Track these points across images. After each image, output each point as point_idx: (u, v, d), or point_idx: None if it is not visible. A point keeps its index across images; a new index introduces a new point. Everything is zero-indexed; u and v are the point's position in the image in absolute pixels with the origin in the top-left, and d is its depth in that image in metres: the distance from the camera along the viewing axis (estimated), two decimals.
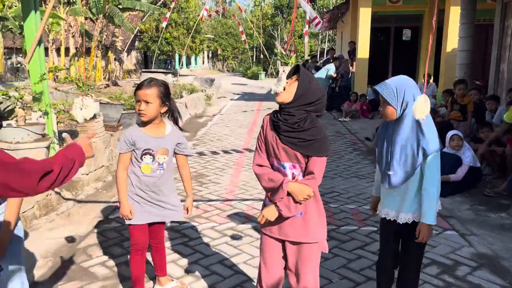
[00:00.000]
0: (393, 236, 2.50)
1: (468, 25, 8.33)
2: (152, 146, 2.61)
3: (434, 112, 7.62)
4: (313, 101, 2.07)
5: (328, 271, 3.23)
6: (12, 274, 2.11)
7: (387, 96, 2.27)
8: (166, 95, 2.58)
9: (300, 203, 2.08)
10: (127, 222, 2.69)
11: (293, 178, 2.11)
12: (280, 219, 2.13)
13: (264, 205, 2.24)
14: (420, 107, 2.12)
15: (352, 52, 13.20)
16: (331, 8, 24.81)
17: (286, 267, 2.28)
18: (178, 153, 2.75)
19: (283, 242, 2.23)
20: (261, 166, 2.16)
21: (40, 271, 3.21)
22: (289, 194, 2.06)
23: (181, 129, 2.77)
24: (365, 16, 11.72)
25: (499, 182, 5.32)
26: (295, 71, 2.10)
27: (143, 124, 2.63)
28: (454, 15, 10.12)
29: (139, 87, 2.52)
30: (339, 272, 3.25)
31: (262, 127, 2.22)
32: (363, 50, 11.88)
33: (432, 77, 11.88)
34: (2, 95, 4.22)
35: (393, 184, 2.35)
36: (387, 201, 2.45)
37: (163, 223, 2.85)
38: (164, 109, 2.61)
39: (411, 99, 2.25)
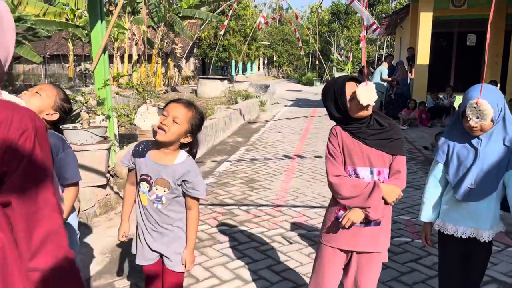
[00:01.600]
0: (461, 255, 2.30)
1: None
2: (150, 172, 2.12)
3: None
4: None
5: (379, 283, 3.13)
6: None
7: (494, 109, 2.07)
8: (197, 126, 2.14)
9: (390, 204, 2.09)
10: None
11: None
12: (357, 229, 2.11)
13: (336, 219, 2.15)
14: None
15: (411, 58, 12.77)
16: (389, 13, 24.19)
17: (342, 281, 2.24)
18: (185, 192, 2.13)
19: (347, 253, 2.18)
20: (338, 176, 2.10)
21: (99, 267, 3.39)
22: None
23: None
24: (425, 21, 11.31)
25: None
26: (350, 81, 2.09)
27: (155, 144, 2.15)
28: None
29: (175, 100, 2.15)
30: (390, 284, 3.15)
31: (335, 137, 2.13)
32: (423, 56, 11.45)
33: (498, 84, 11.21)
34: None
35: (475, 199, 2.15)
36: (462, 218, 2.21)
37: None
38: (187, 140, 2.12)
39: (503, 110, 2.11)
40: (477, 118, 2.04)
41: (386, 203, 2.06)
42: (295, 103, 17.59)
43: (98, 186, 4.43)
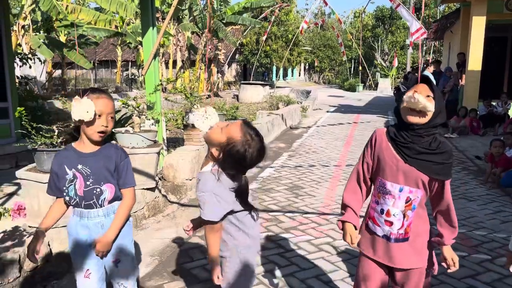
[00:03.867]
0: None
1: None
2: None
3: None
4: (444, 121, 1.95)
5: None
6: (127, 266, 2.33)
7: None
8: (229, 153, 1.95)
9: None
10: None
11: (407, 201, 1.98)
12: (384, 243, 2.05)
13: (366, 226, 2.12)
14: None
15: (462, 64, 12.29)
16: (437, 17, 23.47)
17: None
18: None
19: (388, 267, 2.10)
20: (352, 189, 2.13)
21: (148, 268, 3.45)
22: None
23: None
24: (478, 25, 10.85)
25: None
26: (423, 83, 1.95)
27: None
28: None
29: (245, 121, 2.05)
30: None
31: (371, 143, 2.06)
32: (475, 62, 10.99)
33: None
34: (122, 104, 4.67)
35: None
36: None
37: None
38: (216, 154, 2.01)
39: None
40: None
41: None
42: (338, 109, 17.35)
43: (147, 189, 4.53)
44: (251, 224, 2.14)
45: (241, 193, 2.04)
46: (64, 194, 2.16)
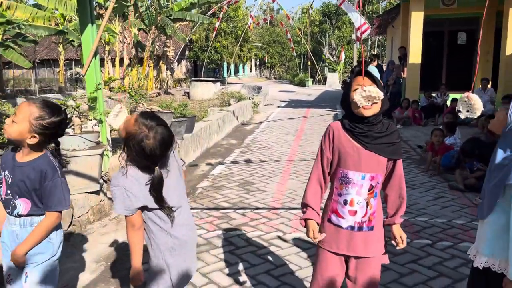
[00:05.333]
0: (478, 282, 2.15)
1: None
2: None
3: None
4: (388, 106, 2.04)
5: (379, 286, 3.09)
6: (36, 282, 2.11)
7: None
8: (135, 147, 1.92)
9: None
10: None
11: (370, 189, 2.04)
12: (348, 234, 2.08)
13: (329, 222, 2.13)
14: None
15: (403, 57, 12.81)
16: (380, 13, 24.33)
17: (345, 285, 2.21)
18: None
19: (344, 257, 2.15)
20: (313, 189, 2.14)
21: (93, 275, 3.31)
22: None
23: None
24: (417, 20, 11.34)
25: None
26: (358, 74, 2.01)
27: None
28: None
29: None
30: (391, 286, 3.11)
31: (329, 138, 2.09)
32: (415, 55, 11.49)
33: (490, 82, 11.28)
34: (60, 105, 4.45)
35: (478, 215, 2.06)
36: (477, 236, 2.11)
37: None
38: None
39: None
40: (467, 111, 2.09)
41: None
42: (288, 104, 17.57)
43: (91, 193, 4.35)
44: (176, 223, 2.04)
45: (153, 187, 1.96)
46: None
